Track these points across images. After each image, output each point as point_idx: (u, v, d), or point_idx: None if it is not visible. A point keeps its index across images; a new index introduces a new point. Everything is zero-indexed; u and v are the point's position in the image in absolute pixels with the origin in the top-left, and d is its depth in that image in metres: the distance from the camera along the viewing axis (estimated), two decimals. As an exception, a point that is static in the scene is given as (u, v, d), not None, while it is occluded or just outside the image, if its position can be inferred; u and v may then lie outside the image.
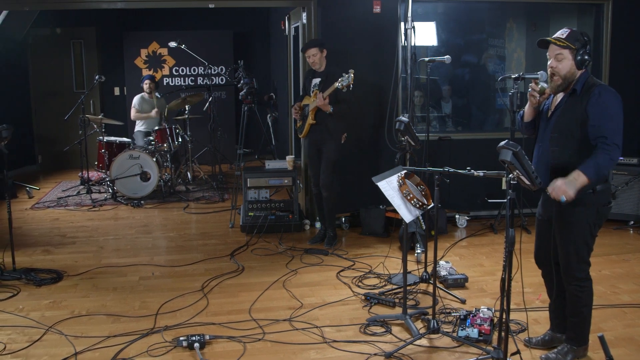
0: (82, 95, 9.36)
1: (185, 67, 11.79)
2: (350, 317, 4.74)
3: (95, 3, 7.82)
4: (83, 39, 11.65)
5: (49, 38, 11.51)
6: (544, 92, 3.84)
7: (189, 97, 9.33)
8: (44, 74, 11.60)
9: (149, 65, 11.68)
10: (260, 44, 12.44)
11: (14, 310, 5.00)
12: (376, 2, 6.95)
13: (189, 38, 10.38)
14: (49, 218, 8.06)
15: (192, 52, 9.63)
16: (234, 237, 6.99)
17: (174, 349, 4.26)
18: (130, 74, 11.61)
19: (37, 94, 11.66)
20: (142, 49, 11.68)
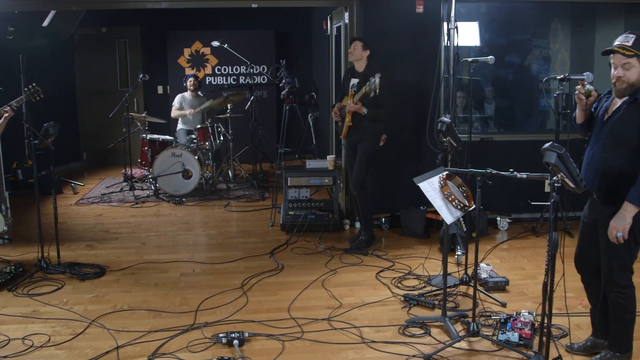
0: (126, 94, 9.51)
1: (227, 66, 11.89)
2: (389, 317, 4.73)
3: (140, 3, 7.93)
4: (128, 39, 11.83)
5: (95, 37, 11.72)
6: (590, 94, 3.73)
7: (231, 96, 9.40)
8: (89, 72, 11.82)
9: (192, 65, 11.81)
10: (302, 43, 12.47)
11: (58, 304, 5.12)
12: (419, 2, 6.91)
13: (232, 37, 10.46)
14: (92, 214, 8.21)
15: (234, 52, 9.70)
16: (274, 235, 7.03)
17: (213, 345, 4.31)
18: (174, 73, 11.75)
19: (83, 92, 11.90)
20: (185, 48, 11.81)
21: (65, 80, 11.50)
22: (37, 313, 4.94)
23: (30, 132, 5.79)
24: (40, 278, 5.71)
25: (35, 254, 6.08)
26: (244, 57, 9.79)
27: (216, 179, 9.42)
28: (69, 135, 11.03)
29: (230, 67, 11.90)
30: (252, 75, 11.52)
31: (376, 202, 7.06)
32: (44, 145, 5.79)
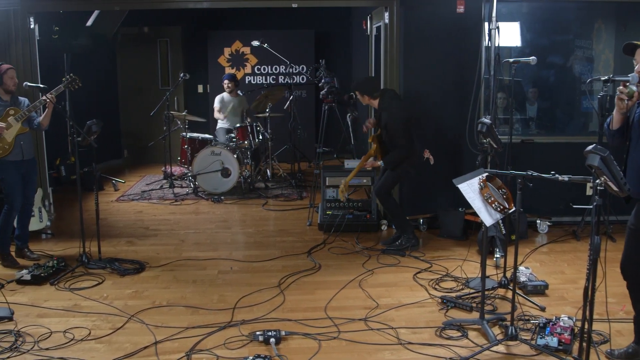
0: (167, 93, 9.62)
1: (267, 65, 11.94)
2: (426, 319, 4.71)
3: (182, 3, 8.01)
4: (169, 38, 11.97)
5: (137, 37, 11.89)
6: (632, 95, 3.64)
7: (271, 95, 9.44)
8: (131, 71, 12.01)
9: (231, 64, 11.89)
10: (342, 43, 12.46)
11: (99, 298, 5.21)
12: (460, 2, 6.86)
13: (271, 37, 10.51)
14: (133, 210, 8.33)
15: (274, 51, 9.74)
16: (311, 235, 7.05)
17: (250, 343, 4.33)
18: (214, 72, 11.85)
19: (125, 90, 12.08)
20: (225, 48, 11.90)
21: (108, 79, 11.70)
22: (78, 307, 5.04)
23: (74, 130, 5.90)
24: (82, 273, 5.82)
25: (77, 249, 6.20)
26: (283, 57, 9.83)
27: (254, 177, 9.48)
28: (110, 133, 11.21)
29: (270, 67, 11.95)
30: (291, 75, 11.57)
31: (414, 203, 7.05)
32: (86, 143, 5.90)
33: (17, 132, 5.86)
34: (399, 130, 6.13)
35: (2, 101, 5.86)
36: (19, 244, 6.27)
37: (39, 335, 4.49)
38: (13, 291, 5.40)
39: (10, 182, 5.93)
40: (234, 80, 9.79)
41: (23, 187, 6.06)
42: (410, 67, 6.86)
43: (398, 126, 6.12)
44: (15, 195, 5.97)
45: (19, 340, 4.41)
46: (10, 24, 6.92)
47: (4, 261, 6.09)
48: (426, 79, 6.90)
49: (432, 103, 6.93)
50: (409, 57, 6.87)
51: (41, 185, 7.12)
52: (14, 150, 5.87)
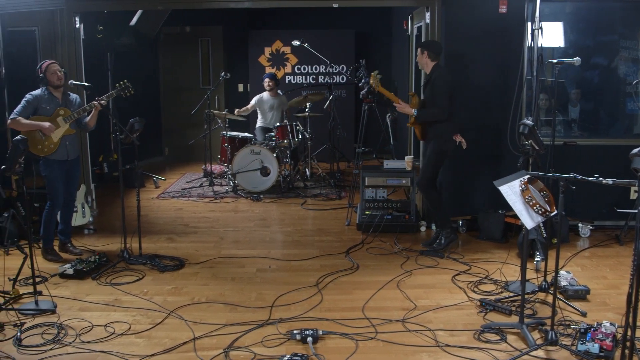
0: (208, 91, 9.71)
1: (307, 65, 11.97)
2: (465, 322, 4.67)
3: (224, 2, 8.08)
4: (210, 37, 12.09)
5: (179, 36, 12.02)
6: None
7: (310, 95, 9.48)
8: (173, 70, 12.16)
9: (272, 63, 11.95)
10: (382, 43, 12.44)
11: (139, 293, 5.29)
12: (502, 2, 6.78)
13: (312, 37, 10.54)
14: (173, 207, 8.43)
15: (314, 51, 9.76)
16: (349, 234, 7.05)
17: (287, 341, 4.35)
18: (254, 72, 11.92)
19: (166, 89, 12.24)
20: (266, 47, 11.96)
21: (150, 78, 11.87)
22: (119, 302, 5.12)
23: (117, 128, 5.99)
24: (123, 268, 5.91)
25: (118, 244, 6.30)
26: (323, 57, 9.84)
27: (294, 176, 9.51)
28: (152, 131, 11.36)
29: (310, 66, 11.98)
30: (331, 75, 11.58)
31: (454, 204, 6.99)
32: (129, 140, 5.99)
33: (64, 132, 5.98)
34: (443, 91, 6.10)
35: (53, 98, 5.97)
36: (63, 239, 6.39)
37: (81, 329, 4.58)
38: (56, 285, 5.52)
39: (53, 180, 6.05)
40: (275, 80, 9.83)
41: (65, 184, 6.18)
42: (451, 68, 6.81)
43: (443, 86, 6.10)
44: (58, 192, 6.09)
45: (61, 333, 4.50)
46: (57, 23, 7.06)
47: (47, 255, 6.22)
48: (467, 79, 6.84)
49: (473, 104, 6.86)
50: (449, 58, 6.81)
51: (84, 181, 7.25)
52: (59, 149, 5.98)
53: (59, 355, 4.19)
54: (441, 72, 6.16)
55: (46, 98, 5.93)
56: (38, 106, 5.89)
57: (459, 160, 6.79)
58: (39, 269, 5.54)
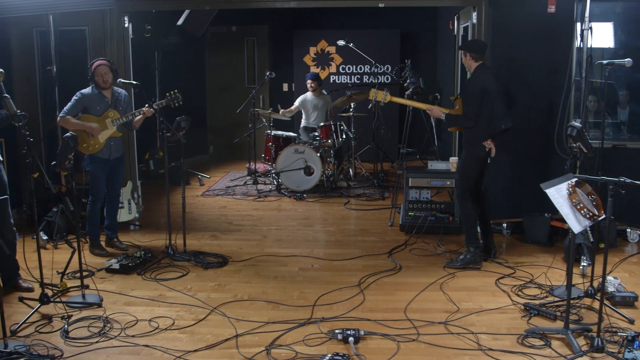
0: (253, 91, 9.77)
1: (352, 65, 11.96)
2: (508, 326, 4.61)
3: (270, 2, 8.13)
4: (256, 37, 12.17)
5: (225, 36, 12.14)
6: None
7: (355, 95, 9.47)
8: (218, 69, 12.28)
9: (317, 63, 11.98)
10: (427, 43, 12.35)
11: (183, 289, 5.36)
12: (551, 2, 6.68)
13: (357, 37, 10.51)
14: (217, 205, 8.52)
15: (359, 51, 9.75)
16: (392, 235, 7.02)
17: (328, 340, 4.35)
18: (299, 71, 11.96)
19: (212, 88, 12.38)
20: (311, 47, 12.00)
21: (196, 76, 12.01)
22: (163, 297, 5.19)
23: (164, 125, 6.07)
24: (167, 264, 6.00)
25: (163, 240, 6.40)
26: (368, 57, 9.82)
27: (337, 176, 9.52)
28: (197, 129, 11.48)
29: (355, 66, 11.97)
30: (376, 75, 11.56)
31: (498, 206, 6.91)
32: (175, 138, 6.07)
33: (110, 134, 6.10)
34: (473, 97, 5.75)
35: (102, 98, 6.09)
36: (109, 234, 6.51)
37: (126, 323, 4.66)
38: (102, 279, 5.63)
39: (96, 175, 6.18)
40: (317, 80, 9.84)
41: (109, 181, 6.30)
42: (498, 68, 6.71)
43: (473, 92, 5.77)
44: (99, 187, 6.23)
45: (107, 326, 4.59)
46: (106, 23, 7.21)
47: (94, 249, 6.34)
48: (515, 80, 6.74)
49: (520, 105, 6.76)
50: (496, 59, 6.74)
51: (131, 178, 7.37)
52: (103, 149, 6.11)
53: (104, 348, 4.28)
54: (477, 76, 5.85)
55: (96, 98, 6.06)
56: (88, 105, 6.02)
57: (504, 162, 6.71)
58: (86, 263, 5.67)
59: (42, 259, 5.02)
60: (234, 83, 12.23)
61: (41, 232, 6.47)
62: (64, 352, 4.21)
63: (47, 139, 7.43)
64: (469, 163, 6.02)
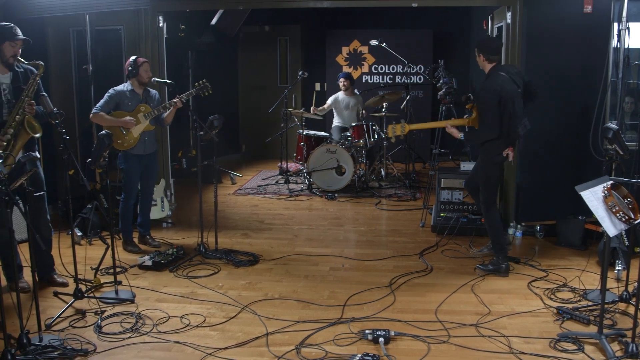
0: (285, 90, 9.79)
1: (384, 65, 11.93)
2: (540, 329, 4.56)
3: (303, 2, 8.16)
4: (289, 37, 12.21)
5: (258, 35, 12.20)
6: None
7: (387, 95, 9.45)
8: (251, 68, 12.36)
9: (349, 63, 11.97)
10: (461, 43, 12.26)
11: (214, 287, 5.40)
12: (587, 2, 6.58)
13: (390, 36, 10.48)
14: (249, 204, 8.56)
15: (392, 51, 9.72)
16: (424, 236, 6.99)
17: (359, 340, 4.35)
18: (331, 71, 11.96)
19: (245, 87, 12.45)
20: (343, 47, 11.99)
21: (229, 76, 12.09)
22: (195, 294, 5.24)
23: (197, 124, 6.12)
24: (199, 262, 6.05)
25: (195, 238, 6.46)
26: (401, 57, 9.79)
27: (368, 176, 9.50)
28: (230, 128, 11.54)
29: (387, 66, 11.93)
30: (408, 75, 11.51)
31: (532, 208, 6.84)
32: (208, 137, 6.11)
33: (144, 128, 6.17)
34: (489, 106, 5.42)
35: (135, 94, 6.17)
36: (142, 231, 6.58)
37: (158, 319, 4.72)
38: (135, 275, 5.70)
39: (128, 173, 6.25)
40: (350, 79, 9.84)
41: (142, 178, 6.37)
42: (532, 69, 6.66)
43: (485, 99, 5.46)
44: (132, 184, 6.30)
45: (139, 322, 4.65)
46: (141, 22, 7.29)
47: (127, 246, 6.42)
48: (549, 81, 6.67)
49: (555, 106, 6.69)
50: (531, 59, 6.67)
51: (164, 176, 7.44)
52: (138, 144, 6.18)
53: (136, 344, 4.33)
54: (489, 81, 5.52)
55: (128, 94, 6.13)
56: (120, 102, 6.10)
57: (538, 163, 6.65)
58: (120, 260, 5.74)
59: (76, 254, 5.10)
60: (267, 82, 12.28)
61: (76, 229, 6.56)
62: (97, 346, 4.28)
63: (82, 137, 7.54)
64: (490, 170, 5.80)
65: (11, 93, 5.05)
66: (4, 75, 5.06)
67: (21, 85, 5.04)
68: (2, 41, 4.95)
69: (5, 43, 4.95)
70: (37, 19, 7.22)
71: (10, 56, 4.99)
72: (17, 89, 5.04)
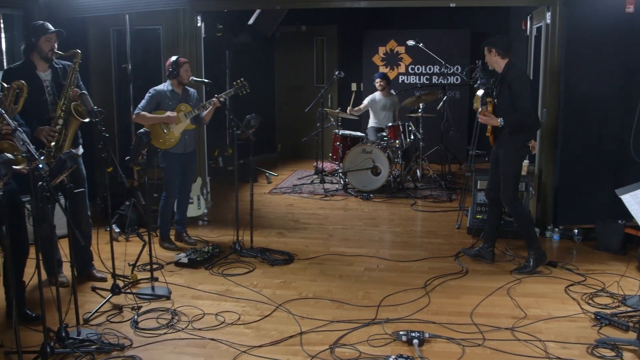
0: (321, 90, 9.81)
1: (421, 65, 11.87)
2: (577, 335, 4.49)
3: (340, 2, 8.16)
4: (325, 36, 12.24)
5: (295, 35, 12.25)
6: None
7: (423, 95, 9.40)
8: (288, 68, 12.42)
9: (385, 63, 11.94)
10: (499, 44, 12.14)
11: (249, 285, 5.44)
12: (629, 2, 6.46)
13: (427, 37, 10.43)
14: (284, 203, 8.59)
15: (429, 51, 9.67)
16: (459, 238, 6.94)
17: (393, 342, 4.34)
18: (367, 71, 11.94)
19: (281, 87, 12.51)
20: (380, 47, 11.96)
21: (266, 75, 12.15)
22: (230, 292, 5.28)
23: (234, 123, 6.16)
24: (234, 260, 6.10)
25: (231, 236, 6.50)
26: (438, 57, 9.73)
27: (404, 177, 9.46)
28: (266, 128, 11.61)
29: (424, 67, 11.87)
30: (445, 75, 11.43)
31: (570, 212, 6.74)
32: (245, 136, 6.16)
33: (185, 127, 6.24)
34: (526, 94, 5.59)
35: (175, 94, 6.25)
36: (179, 229, 6.65)
37: (193, 316, 4.77)
38: (171, 272, 5.77)
39: (170, 171, 6.33)
40: (386, 79, 9.82)
41: (182, 176, 6.43)
42: (572, 71, 6.57)
43: (525, 87, 5.62)
44: (174, 183, 6.37)
45: (175, 319, 4.71)
46: (180, 22, 7.37)
47: (164, 243, 6.49)
48: (589, 83, 6.57)
49: (595, 108, 6.59)
50: (571, 60, 6.57)
51: (200, 174, 7.50)
52: (178, 143, 6.25)
53: (171, 340, 4.38)
54: (518, 73, 5.73)
55: (169, 94, 6.21)
56: (161, 101, 6.18)
57: (577, 166, 6.56)
58: (156, 256, 5.82)
59: (114, 251, 5.18)
60: (303, 82, 12.32)
61: (114, 225, 6.66)
62: (133, 341, 4.34)
63: (121, 135, 7.65)
64: (516, 164, 5.83)
65: (53, 90, 5.16)
66: (44, 73, 5.17)
67: (62, 82, 5.15)
68: (37, 38, 5.06)
69: (41, 39, 5.06)
70: (79, 19, 7.35)
71: (48, 50, 5.10)
72: (59, 85, 5.15)
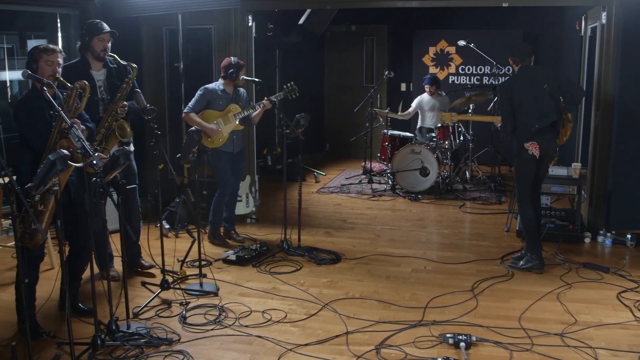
0: (371, 90, 9.79)
1: (471, 66, 11.74)
2: (629, 343, 4.39)
3: (391, 2, 8.14)
4: (375, 36, 12.19)
5: (345, 35, 12.24)
6: None
7: (474, 96, 9.30)
8: (337, 68, 12.42)
9: (435, 63, 11.84)
10: (551, 44, 11.92)
11: (296, 284, 5.47)
12: (688, 2, 6.29)
13: (477, 37, 10.30)
14: (332, 203, 8.61)
15: (480, 51, 9.57)
16: (508, 241, 6.85)
17: (439, 344, 4.32)
18: (418, 71, 11.85)
19: (330, 86, 12.52)
20: (430, 47, 11.86)
21: (316, 75, 12.18)
22: (277, 290, 5.32)
23: (283, 122, 6.20)
24: (281, 258, 6.14)
25: (278, 235, 6.55)
26: (489, 57, 9.62)
27: (453, 178, 9.38)
28: (315, 127, 11.63)
29: (475, 67, 11.74)
30: (496, 76, 11.27)
31: (623, 216, 6.59)
32: (294, 135, 6.20)
33: (233, 128, 6.31)
34: (501, 102, 5.97)
35: (226, 94, 6.33)
36: (227, 226, 6.73)
37: (240, 313, 4.82)
38: (219, 269, 5.84)
39: (222, 170, 6.40)
40: (435, 84, 9.70)
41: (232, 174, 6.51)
42: (628, 72, 6.42)
43: (500, 98, 5.97)
44: (227, 181, 6.44)
45: (222, 315, 4.77)
46: (231, 21, 7.45)
47: (214, 239, 6.58)
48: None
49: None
50: (627, 61, 6.43)
51: (249, 173, 7.57)
52: (227, 142, 6.32)
53: (218, 336, 4.45)
54: (506, 79, 6.00)
55: (220, 93, 6.28)
56: (212, 100, 6.25)
57: (631, 170, 6.41)
58: (205, 253, 5.90)
59: (164, 246, 5.27)
60: (353, 82, 12.30)
61: (164, 221, 6.76)
62: (181, 336, 4.42)
63: (172, 133, 7.77)
64: (518, 166, 5.96)
65: (106, 90, 5.26)
66: (98, 72, 5.27)
67: (115, 81, 5.24)
68: (91, 37, 5.17)
69: (94, 39, 5.17)
70: (133, 19, 7.50)
71: (100, 50, 5.20)
72: (112, 84, 5.25)
